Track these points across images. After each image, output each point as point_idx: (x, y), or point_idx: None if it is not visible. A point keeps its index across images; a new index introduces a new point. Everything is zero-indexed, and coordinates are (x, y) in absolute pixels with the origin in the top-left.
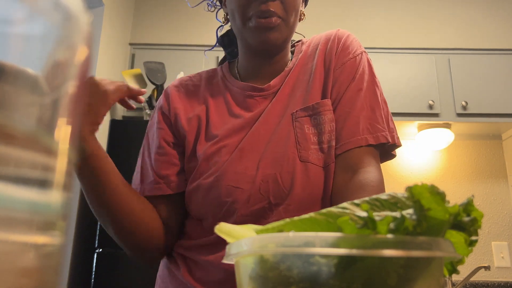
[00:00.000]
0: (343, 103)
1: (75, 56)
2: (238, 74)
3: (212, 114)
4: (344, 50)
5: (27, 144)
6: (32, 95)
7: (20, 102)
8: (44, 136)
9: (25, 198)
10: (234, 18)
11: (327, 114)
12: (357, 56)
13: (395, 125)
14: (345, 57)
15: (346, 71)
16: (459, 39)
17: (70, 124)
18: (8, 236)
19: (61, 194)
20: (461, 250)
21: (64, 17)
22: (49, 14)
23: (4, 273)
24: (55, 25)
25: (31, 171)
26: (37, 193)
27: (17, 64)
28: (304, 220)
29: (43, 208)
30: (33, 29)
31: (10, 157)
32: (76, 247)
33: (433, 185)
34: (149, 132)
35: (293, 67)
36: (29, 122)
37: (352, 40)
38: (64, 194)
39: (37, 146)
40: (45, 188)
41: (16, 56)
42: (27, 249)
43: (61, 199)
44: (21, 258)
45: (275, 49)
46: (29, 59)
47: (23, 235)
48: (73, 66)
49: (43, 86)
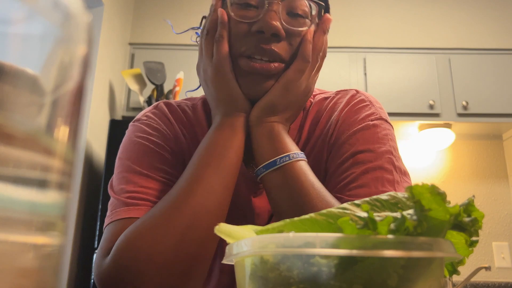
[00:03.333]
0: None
1: (74, 56)
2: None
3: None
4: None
5: (27, 144)
6: (31, 95)
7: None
8: (44, 136)
9: (25, 199)
10: None
11: None
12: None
13: None
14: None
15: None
16: (460, 39)
17: (70, 124)
18: (8, 237)
19: (61, 195)
20: (462, 250)
21: (64, 16)
22: (48, 13)
23: (4, 274)
24: (54, 24)
25: (31, 171)
26: (36, 193)
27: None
28: (304, 221)
29: (43, 209)
30: (33, 29)
31: (9, 157)
32: (75, 247)
33: (433, 185)
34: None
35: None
36: (28, 122)
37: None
38: (64, 194)
39: (37, 146)
40: (44, 189)
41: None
42: (26, 249)
43: (61, 200)
44: (20, 258)
45: None
46: (28, 59)
47: (22, 235)
48: (72, 65)
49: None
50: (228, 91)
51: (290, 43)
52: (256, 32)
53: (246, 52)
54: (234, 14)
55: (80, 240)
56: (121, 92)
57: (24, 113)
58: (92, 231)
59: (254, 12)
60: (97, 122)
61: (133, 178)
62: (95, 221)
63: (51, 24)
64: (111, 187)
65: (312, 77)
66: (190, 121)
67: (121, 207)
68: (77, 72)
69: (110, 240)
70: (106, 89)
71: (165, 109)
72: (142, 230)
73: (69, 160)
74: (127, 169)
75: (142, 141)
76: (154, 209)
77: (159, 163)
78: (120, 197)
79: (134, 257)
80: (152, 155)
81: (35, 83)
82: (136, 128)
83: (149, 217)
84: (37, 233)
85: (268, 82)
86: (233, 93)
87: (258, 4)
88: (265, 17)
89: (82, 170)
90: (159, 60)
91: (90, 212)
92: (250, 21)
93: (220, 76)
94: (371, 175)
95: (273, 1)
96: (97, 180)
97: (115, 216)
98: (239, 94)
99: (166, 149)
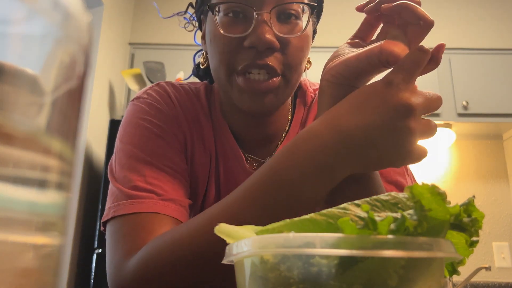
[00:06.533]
0: None
1: (74, 56)
2: (225, 117)
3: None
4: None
5: (27, 144)
6: (31, 95)
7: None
8: (44, 136)
9: (25, 199)
10: (215, 67)
11: None
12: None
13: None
14: None
15: None
16: (460, 39)
17: (70, 124)
18: (8, 237)
19: (61, 195)
20: (462, 250)
21: (64, 16)
22: (48, 13)
23: (4, 274)
24: (54, 24)
25: (31, 171)
26: (36, 193)
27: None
28: (304, 221)
29: (43, 209)
30: (33, 29)
31: (9, 157)
32: (75, 248)
33: (433, 185)
34: None
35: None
36: (28, 122)
37: None
38: (64, 194)
39: (37, 146)
40: (44, 189)
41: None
42: (26, 249)
43: (61, 200)
44: (20, 258)
45: (269, 112)
46: (28, 59)
47: (22, 235)
48: (72, 66)
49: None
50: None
51: (283, 52)
52: (249, 47)
53: (243, 70)
54: (223, 31)
55: (80, 240)
56: (121, 92)
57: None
58: (92, 231)
59: (243, 24)
60: (97, 122)
61: (136, 165)
62: (95, 221)
63: (51, 24)
64: (112, 172)
65: None
66: (193, 104)
67: (124, 200)
68: (77, 72)
69: (125, 241)
70: (106, 89)
71: (167, 88)
72: (171, 246)
73: (69, 160)
74: (129, 154)
75: (145, 124)
76: (191, 222)
77: (162, 150)
78: (123, 187)
79: (161, 275)
80: (154, 140)
81: (35, 83)
82: (137, 108)
83: (184, 231)
84: (37, 233)
85: (267, 97)
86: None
87: (247, 13)
88: (256, 31)
89: (82, 170)
90: (159, 60)
91: (90, 212)
92: (241, 36)
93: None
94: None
95: (262, 12)
96: (97, 180)
97: (118, 210)
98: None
99: (168, 134)
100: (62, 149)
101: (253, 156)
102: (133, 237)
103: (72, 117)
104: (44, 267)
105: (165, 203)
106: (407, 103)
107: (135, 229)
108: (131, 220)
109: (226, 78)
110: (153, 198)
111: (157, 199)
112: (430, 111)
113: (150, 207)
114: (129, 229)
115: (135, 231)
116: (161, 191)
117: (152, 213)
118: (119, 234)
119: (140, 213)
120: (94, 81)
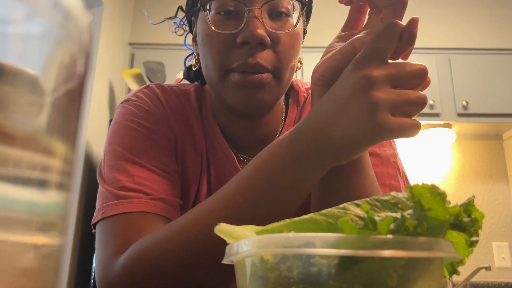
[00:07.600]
0: None
1: (74, 56)
2: (216, 119)
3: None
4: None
5: (27, 144)
6: (31, 95)
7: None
8: (44, 136)
9: (25, 199)
10: (207, 67)
11: None
12: None
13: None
14: None
15: None
16: (460, 39)
17: (70, 124)
18: (8, 237)
19: (61, 195)
20: (462, 250)
21: (64, 16)
22: (48, 13)
23: (4, 274)
24: (54, 24)
25: (31, 171)
26: (36, 193)
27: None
28: (304, 221)
29: (43, 209)
30: (33, 29)
31: (9, 157)
32: (75, 248)
33: (433, 185)
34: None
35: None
36: (28, 122)
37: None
38: (64, 194)
39: (37, 146)
40: (44, 189)
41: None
42: (26, 249)
43: (61, 200)
44: (20, 258)
45: (262, 111)
46: (28, 59)
47: (22, 235)
48: (72, 66)
49: (42, 86)
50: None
51: (274, 50)
52: (241, 43)
53: (238, 68)
54: (215, 27)
55: (80, 240)
56: (121, 92)
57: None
58: (91, 232)
59: (235, 22)
60: (97, 122)
61: (124, 166)
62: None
63: (51, 24)
64: (101, 174)
65: None
66: (183, 105)
67: (113, 200)
68: (77, 72)
69: (114, 240)
70: (106, 89)
71: (156, 90)
72: (159, 244)
73: (69, 160)
74: (118, 156)
75: (134, 126)
76: (179, 220)
77: (151, 151)
78: (111, 188)
79: (148, 273)
80: (143, 142)
81: (35, 83)
82: (126, 110)
83: (173, 229)
84: (37, 233)
85: (260, 93)
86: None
87: (238, 10)
88: (248, 26)
89: (82, 170)
90: (159, 60)
91: (90, 212)
92: (233, 32)
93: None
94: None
95: (253, 8)
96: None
97: (107, 211)
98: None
99: (157, 135)
100: (62, 149)
101: (248, 157)
102: (122, 237)
103: (72, 117)
104: (44, 267)
105: (154, 203)
106: (365, 74)
107: (124, 228)
108: (120, 220)
109: (218, 77)
110: (142, 198)
111: (146, 199)
112: (403, 81)
113: (138, 207)
114: (118, 229)
115: (124, 231)
116: (150, 190)
117: (141, 212)
118: (108, 234)
119: (129, 212)
120: (94, 81)
